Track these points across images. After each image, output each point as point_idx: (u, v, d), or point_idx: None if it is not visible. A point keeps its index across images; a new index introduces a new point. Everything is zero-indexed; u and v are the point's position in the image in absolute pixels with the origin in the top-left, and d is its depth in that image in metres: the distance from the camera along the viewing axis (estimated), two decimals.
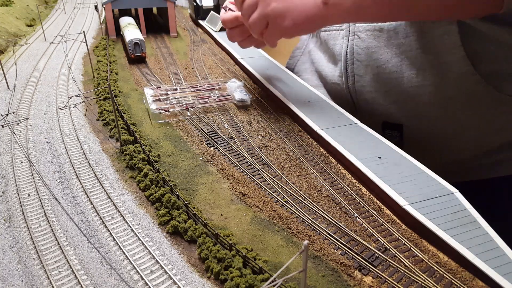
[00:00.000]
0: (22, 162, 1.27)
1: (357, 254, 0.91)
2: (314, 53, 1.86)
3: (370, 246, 0.93)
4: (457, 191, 1.05)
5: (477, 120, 1.37)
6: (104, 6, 2.56)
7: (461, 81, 1.31)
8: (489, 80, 1.28)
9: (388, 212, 1.05)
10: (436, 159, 1.11)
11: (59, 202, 1.08)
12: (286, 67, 2.07)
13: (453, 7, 1.11)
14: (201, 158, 1.31)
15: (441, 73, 1.34)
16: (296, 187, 1.16)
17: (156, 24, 3.18)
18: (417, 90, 1.40)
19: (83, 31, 2.12)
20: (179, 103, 1.64)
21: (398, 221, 1.02)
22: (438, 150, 1.44)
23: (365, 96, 1.55)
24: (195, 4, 3.09)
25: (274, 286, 0.67)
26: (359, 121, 1.44)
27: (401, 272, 0.87)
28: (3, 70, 1.95)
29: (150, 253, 0.92)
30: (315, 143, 1.40)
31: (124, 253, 0.92)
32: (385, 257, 0.90)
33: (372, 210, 1.06)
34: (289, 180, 1.19)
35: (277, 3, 1.29)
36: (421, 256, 0.90)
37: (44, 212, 1.05)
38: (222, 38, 2.60)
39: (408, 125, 1.48)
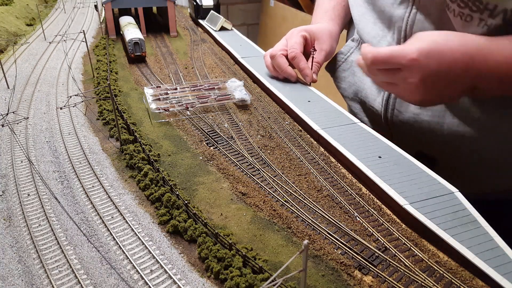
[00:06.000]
0: (22, 162, 1.27)
1: (357, 254, 0.91)
2: (357, 67, 1.78)
3: (370, 246, 0.93)
4: (457, 190, 1.05)
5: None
6: (104, 5, 2.56)
7: (504, 141, 1.31)
8: None
9: (388, 211, 1.05)
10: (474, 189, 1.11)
11: (59, 202, 1.08)
12: (326, 68, 1.99)
13: None
14: (201, 158, 1.31)
15: (484, 127, 1.32)
16: (296, 186, 1.16)
17: (156, 23, 3.18)
18: (457, 138, 1.38)
19: (83, 31, 2.12)
20: (179, 102, 1.64)
21: (398, 220, 1.02)
22: (474, 180, 1.40)
23: (402, 129, 1.51)
24: (195, 3, 3.09)
25: (274, 285, 0.67)
26: (359, 121, 1.44)
27: (401, 271, 0.87)
28: (2, 69, 1.95)
29: (150, 252, 0.92)
30: (315, 142, 1.40)
31: (124, 252, 0.92)
32: (385, 257, 0.90)
33: (372, 210, 1.06)
34: (289, 179, 1.19)
35: (424, 94, 1.17)
36: (421, 255, 0.90)
37: (44, 211, 1.05)
38: (222, 37, 2.60)
39: (442, 161, 1.46)
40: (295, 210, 1.06)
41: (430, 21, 1.31)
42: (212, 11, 2.97)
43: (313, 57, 1.63)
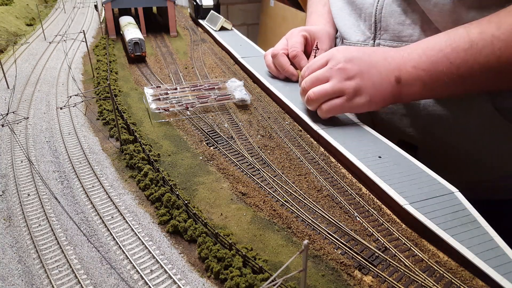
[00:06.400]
0: (22, 162, 1.27)
1: (357, 254, 0.91)
2: None
3: (370, 246, 0.93)
4: (457, 190, 1.05)
5: (494, 147, 1.40)
6: (104, 5, 2.56)
7: (481, 115, 1.35)
8: (507, 115, 1.32)
9: (388, 211, 1.05)
10: (454, 178, 1.15)
11: (59, 202, 1.08)
12: None
13: None
14: (201, 158, 1.31)
15: (460, 104, 1.37)
16: (296, 186, 1.16)
17: (156, 23, 3.18)
18: (433, 117, 1.42)
19: (83, 31, 2.12)
20: (179, 102, 1.64)
21: (398, 220, 1.02)
22: (455, 170, 1.44)
23: (382, 116, 1.56)
24: (195, 3, 3.09)
25: (274, 285, 0.66)
26: (359, 121, 1.44)
27: (401, 271, 0.87)
28: (3, 69, 1.95)
29: (150, 252, 0.92)
30: (315, 142, 1.40)
31: (124, 252, 0.92)
32: (385, 257, 0.90)
33: (372, 210, 1.06)
34: (289, 179, 1.19)
35: (356, 81, 1.27)
36: (421, 255, 0.90)
37: (44, 211, 1.05)
38: (222, 37, 2.60)
39: (423, 148, 1.50)
40: (295, 210, 1.06)
41: (398, 3, 1.41)
42: (212, 11, 2.97)
43: (315, 56, 1.63)
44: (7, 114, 1.54)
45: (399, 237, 0.96)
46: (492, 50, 1.09)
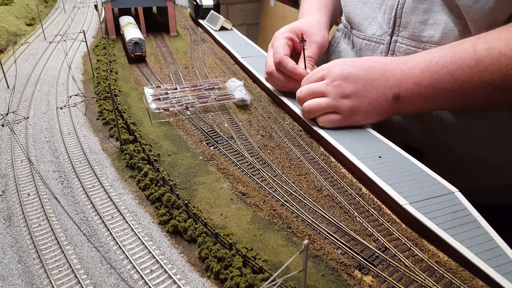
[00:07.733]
0: (22, 162, 1.27)
1: (357, 254, 0.91)
2: (345, 56, 1.77)
3: (370, 246, 0.93)
4: (457, 190, 1.05)
5: (507, 156, 1.38)
6: (104, 5, 2.56)
7: (495, 126, 1.34)
8: None
9: (388, 211, 1.05)
10: (458, 185, 1.13)
11: (59, 202, 1.08)
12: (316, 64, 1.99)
13: None
14: (201, 158, 1.31)
15: (475, 113, 1.35)
16: (296, 186, 1.16)
17: (156, 23, 3.17)
18: (446, 124, 1.40)
19: (83, 30, 2.12)
20: (179, 102, 1.64)
21: (398, 220, 1.02)
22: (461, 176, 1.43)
23: (391, 118, 1.52)
24: (195, 3, 3.09)
25: (274, 285, 0.66)
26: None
27: (401, 271, 0.87)
28: (2, 69, 1.95)
29: (150, 252, 0.92)
30: (315, 142, 1.40)
31: (124, 252, 0.92)
32: (385, 257, 0.90)
33: (372, 210, 1.06)
34: (289, 179, 1.19)
35: (352, 100, 1.27)
36: (421, 255, 0.90)
37: (44, 211, 1.05)
38: (222, 37, 2.60)
39: (428, 154, 1.48)
40: (295, 210, 1.06)
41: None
42: (212, 11, 2.97)
43: (304, 51, 1.51)
44: (7, 114, 1.54)
45: (399, 237, 0.96)
46: (498, 68, 1.06)
